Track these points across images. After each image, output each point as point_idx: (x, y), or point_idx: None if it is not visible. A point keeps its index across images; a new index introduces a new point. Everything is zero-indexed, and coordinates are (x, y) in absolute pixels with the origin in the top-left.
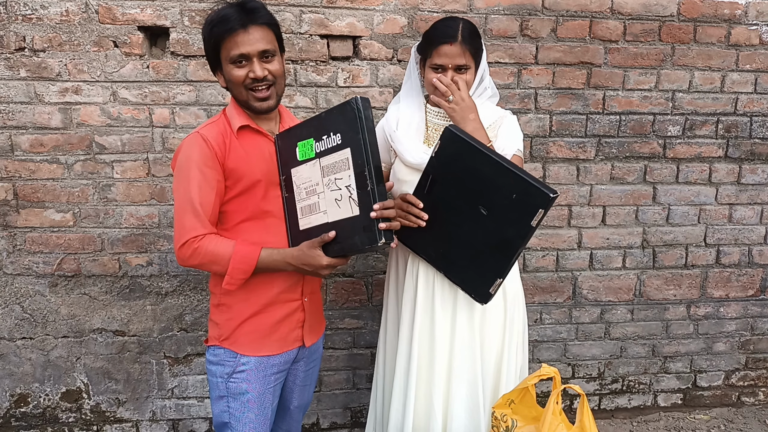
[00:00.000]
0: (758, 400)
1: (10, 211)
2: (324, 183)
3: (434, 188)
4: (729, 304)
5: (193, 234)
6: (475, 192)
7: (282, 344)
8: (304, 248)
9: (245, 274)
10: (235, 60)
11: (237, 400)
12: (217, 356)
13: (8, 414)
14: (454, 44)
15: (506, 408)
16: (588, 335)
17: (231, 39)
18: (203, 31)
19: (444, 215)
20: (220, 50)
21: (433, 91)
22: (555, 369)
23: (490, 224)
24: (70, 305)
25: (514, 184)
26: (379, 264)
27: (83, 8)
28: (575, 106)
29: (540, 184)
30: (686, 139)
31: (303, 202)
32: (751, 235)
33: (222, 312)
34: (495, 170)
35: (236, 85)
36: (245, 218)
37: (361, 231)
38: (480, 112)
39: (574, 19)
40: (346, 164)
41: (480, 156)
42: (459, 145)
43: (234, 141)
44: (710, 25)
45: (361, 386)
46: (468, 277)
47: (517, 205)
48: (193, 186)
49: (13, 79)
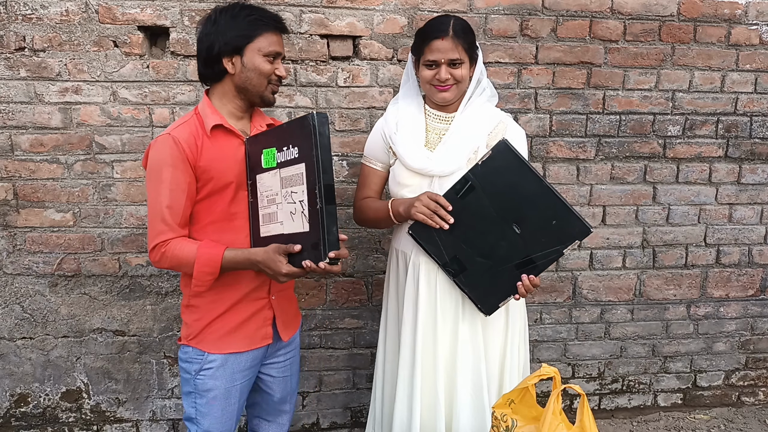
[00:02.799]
0: (758, 400)
1: (10, 211)
2: (282, 194)
3: (469, 195)
4: (729, 304)
5: (161, 238)
6: (513, 208)
7: (249, 342)
8: (270, 251)
9: (211, 275)
10: (271, 55)
11: (203, 397)
12: (187, 354)
13: (8, 414)
14: (446, 38)
15: (506, 408)
16: (588, 335)
17: (271, 36)
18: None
19: (471, 223)
20: (252, 39)
21: (428, 89)
22: (555, 369)
23: (520, 242)
24: (70, 305)
25: (558, 210)
26: (379, 264)
27: (83, 8)
28: (575, 106)
29: (580, 216)
30: (686, 139)
31: (264, 210)
32: (751, 235)
33: (191, 312)
34: (541, 192)
35: (262, 76)
36: (213, 220)
37: (310, 248)
38: (479, 116)
39: (574, 19)
40: (301, 179)
41: (530, 175)
42: (511, 160)
43: (206, 141)
44: (710, 25)
45: (361, 386)
46: (479, 288)
47: (555, 230)
48: (162, 189)
49: (13, 79)
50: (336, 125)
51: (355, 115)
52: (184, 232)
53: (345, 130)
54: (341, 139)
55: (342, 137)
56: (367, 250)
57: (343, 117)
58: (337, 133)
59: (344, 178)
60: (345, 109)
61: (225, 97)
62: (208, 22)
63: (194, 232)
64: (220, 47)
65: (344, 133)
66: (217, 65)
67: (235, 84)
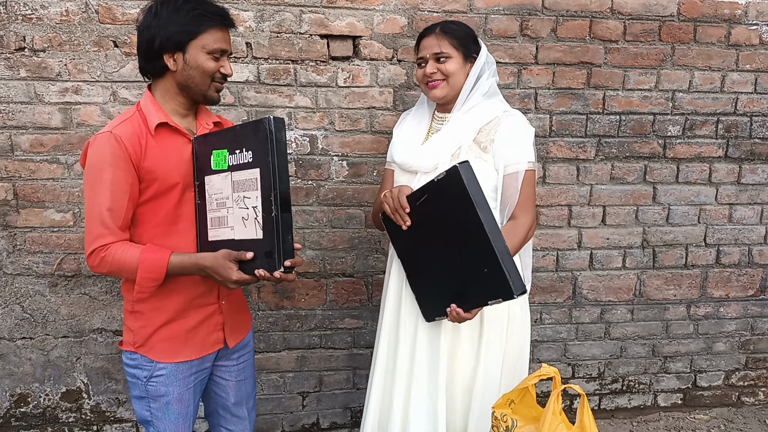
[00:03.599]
0: (758, 400)
1: (10, 211)
2: (233, 198)
3: (424, 207)
4: (729, 304)
5: (100, 243)
6: (457, 239)
7: (200, 348)
8: (220, 257)
9: (155, 282)
10: (214, 52)
11: (157, 402)
12: (134, 360)
13: (8, 414)
14: (431, 35)
15: (506, 408)
16: (588, 335)
17: (216, 33)
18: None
19: (424, 232)
20: (196, 36)
21: (423, 89)
22: (555, 369)
23: (458, 273)
24: (70, 305)
25: (490, 262)
26: (379, 264)
27: (83, 8)
28: (575, 106)
29: (514, 276)
30: (686, 139)
31: (213, 213)
32: (751, 235)
33: (136, 319)
34: (478, 236)
35: (204, 75)
36: (158, 222)
37: (263, 255)
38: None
39: (574, 19)
40: (255, 184)
41: (472, 213)
42: (459, 189)
43: (150, 140)
44: (710, 25)
45: (361, 386)
46: (424, 294)
47: (485, 279)
48: (102, 190)
49: (13, 79)
50: (336, 125)
51: (355, 116)
52: (125, 236)
53: (345, 130)
54: (341, 139)
55: (342, 137)
56: (367, 251)
57: (342, 117)
58: (336, 133)
59: (344, 178)
60: (345, 109)
61: (167, 94)
62: (149, 13)
63: (136, 236)
64: (161, 42)
65: (344, 133)
66: (158, 61)
67: (177, 81)
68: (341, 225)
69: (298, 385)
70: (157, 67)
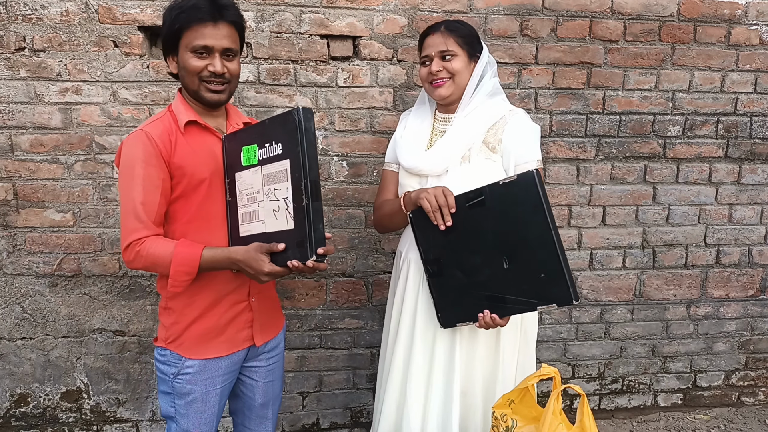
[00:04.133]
0: (758, 400)
1: (10, 211)
2: (264, 192)
3: (477, 208)
4: (729, 304)
5: (135, 236)
6: (511, 241)
7: (230, 345)
8: (252, 250)
9: (189, 275)
10: (198, 50)
11: (182, 399)
12: (164, 356)
13: (8, 414)
14: (436, 33)
15: (506, 408)
16: (588, 335)
17: (198, 29)
18: (166, 15)
19: (467, 236)
20: (181, 36)
21: (427, 88)
22: (555, 369)
23: (502, 277)
24: (70, 305)
25: (552, 266)
26: (379, 264)
27: (83, 8)
28: (575, 106)
29: (572, 283)
30: (686, 139)
31: (244, 209)
32: (751, 235)
33: (168, 315)
34: (544, 241)
35: (191, 75)
36: (190, 219)
37: (294, 246)
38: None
39: (574, 19)
40: (285, 176)
41: (542, 218)
42: (531, 195)
43: (180, 138)
44: (710, 25)
45: (361, 386)
46: (445, 298)
47: (539, 284)
48: (136, 186)
49: (13, 79)
50: (336, 125)
51: (355, 116)
52: (159, 231)
53: (345, 130)
54: (341, 139)
55: (342, 137)
56: (367, 251)
57: (343, 117)
58: (337, 133)
59: (344, 178)
60: (345, 110)
61: (186, 96)
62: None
63: (170, 233)
64: (163, 45)
65: (344, 133)
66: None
67: (182, 83)
68: (341, 225)
69: (298, 385)
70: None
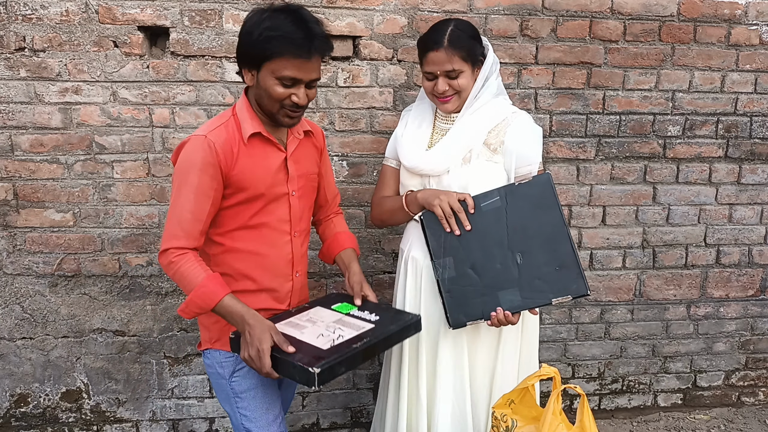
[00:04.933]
0: (758, 400)
1: (10, 211)
2: (327, 324)
3: (491, 209)
4: (729, 304)
5: (175, 244)
6: (525, 239)
7: None
8: (267, 326)
9: (200, 310)
10: (283, 79)
11: (244, 399)
12: (214, 358)
13: (8, 414)
14: (440, 50)
15: (506, 408)
16: (588, 335)
17: (289, 60)
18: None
19: (480, 235)
20: (269, 60)
21: (432, 99)
22: (555, 369)
23: (515, 273)
24: (70, 305)
25: (566, 260)
26: (378, 264)
27: (83, 8)
28: (575, 106)
29: (584, 275)
30: (686, 139)
31: (297, 320)
32: (751, 235)
33: (210, 315)
34: (559, 237)
35: (272, 100)
36: (239, 227)
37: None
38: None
39: (574, 19)
40: (358, 330)
41: (556, 216)
42: (546, 195)
43: (242, 149)
44: (710, 25)
45: (361, 386)
46: (456, 299)
47: (554, 278)
48: (187, 193)
49: (13, 79)
50: (336, 125)
51: (355, 116)
52: (199, 242)
53: (345, 131)
54: (341, 139)
55: (342, 137)
56: (368, 251)
57: (342, 117)
58: (337, 133)
59: (344, 178)
60: (345, 110)
61: (254, 103)
62: (247, 18)
63: (216, 236)
64: (241, 53)
65: (344, 133)
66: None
67: (254, 96)
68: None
69: (298, 385)
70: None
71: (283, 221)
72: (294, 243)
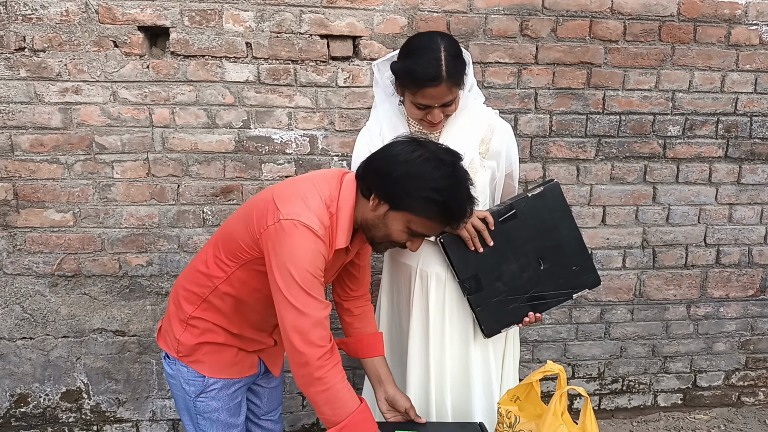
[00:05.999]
0: (758, 400)
1: (10, 211)
2: None
3: (510, 222)
4: (729, 304)
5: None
6: (544, 245)
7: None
8: None
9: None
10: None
11: (208, 418)
12: (181, 373)
13: (8, 414)
14: (441, 86)
15: (511, 404)
16: (588, 335)
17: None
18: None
19: (502, 248)
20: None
21: (418, 122)
22: (560, 366)
23: (539, 278)
24: (70, 305)
25: (582, 258)
26: (378, 264)
27: (83, 8)
28: (575, 106)
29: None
30: (686, 139)
31: None
32: (751, 235)
33: (184, 329)
34: (573, 238)
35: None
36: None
37: None
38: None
39: (574, 19)
40: None
41: (569, 221)
42: (559, 201)
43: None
44: (710, 25)
45: (360, 386)
46: (488, 310)
47: (572, 276)
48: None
49: (13, 79)
50: (336, 125)
51: (355, 115)
52: None
53: (345, 130)
54: (341, 139)
55: (342, 137)
56: None
57: (343, 117)
58: (337, 133)
59: None
60: (345, 109)
61: (359, 215)
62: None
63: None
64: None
65: (344, 133)
66: (367, 190)
67: (365, 218)
68: None
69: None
70: (365, 191)
71: None
72: None
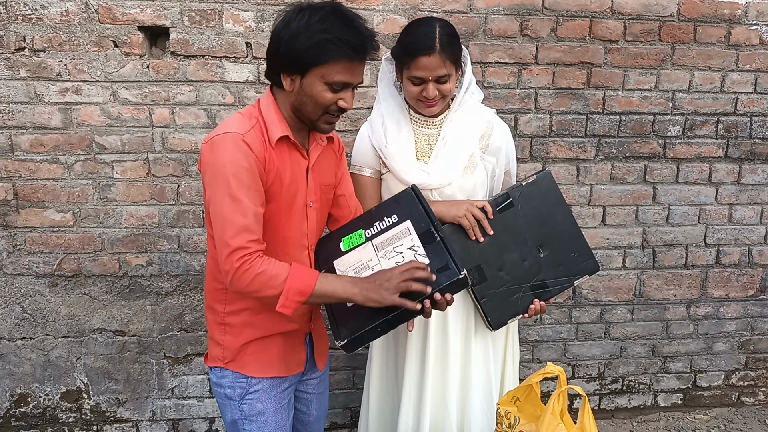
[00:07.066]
0: (758, 400)
1: (10, 211)
2: (379, 255)
3: (507, 211)
4: (729, 304)
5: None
6: (541, 233)
7: (288, 369)
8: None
9: (301, 295)
10: (334, 84)
11: (253, 422)
12: (225, 378)
13: (8, 414)
14: (433, 55)
15: (511, 405)
16: (588, 335)
17: (344, 63)
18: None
19: (502, 238)
20: (318, 65)
21: (415, 103)
22: (560, 368)
23: (540, 266)
24: (70, 305)
25: (579, 245)
26: None
27: (83, 8)
28: (575, 106)
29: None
30: (686, 139)
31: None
32: (751, 235)
33: (225, 332)
34: (569, 225)
35: (316, 105)
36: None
37: (436, 272)
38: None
39: (574, 19)
40: (407, 232)
41: (563, 208)
42: (552, 189)
43: (271, 152)
44: (710, 25)
45: (360, 386)
46: (492, 302)
47: (571, 262)
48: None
49: (13, 79)
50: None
51: (355, 115)
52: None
53: (345, 130)
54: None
55: (342, 137)
56: None
57: (342, 117)
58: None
59: None
60: None
61: (284, 107)
62: (282, 21)
63: None
64: (281, 59)
65: (344, 133)
66: (276, 76)
67: (291, 102)
68: None
69: None
70: (276, 80)
71: (302, 235)
72: (312, 258)
